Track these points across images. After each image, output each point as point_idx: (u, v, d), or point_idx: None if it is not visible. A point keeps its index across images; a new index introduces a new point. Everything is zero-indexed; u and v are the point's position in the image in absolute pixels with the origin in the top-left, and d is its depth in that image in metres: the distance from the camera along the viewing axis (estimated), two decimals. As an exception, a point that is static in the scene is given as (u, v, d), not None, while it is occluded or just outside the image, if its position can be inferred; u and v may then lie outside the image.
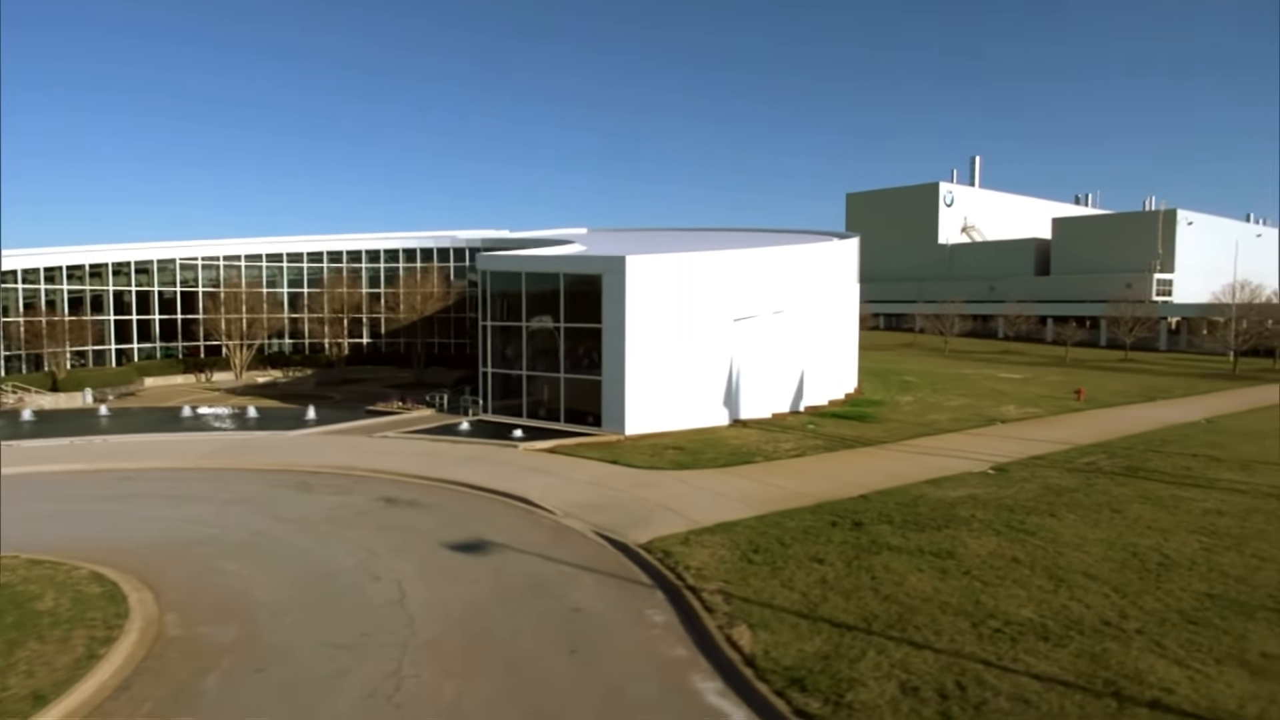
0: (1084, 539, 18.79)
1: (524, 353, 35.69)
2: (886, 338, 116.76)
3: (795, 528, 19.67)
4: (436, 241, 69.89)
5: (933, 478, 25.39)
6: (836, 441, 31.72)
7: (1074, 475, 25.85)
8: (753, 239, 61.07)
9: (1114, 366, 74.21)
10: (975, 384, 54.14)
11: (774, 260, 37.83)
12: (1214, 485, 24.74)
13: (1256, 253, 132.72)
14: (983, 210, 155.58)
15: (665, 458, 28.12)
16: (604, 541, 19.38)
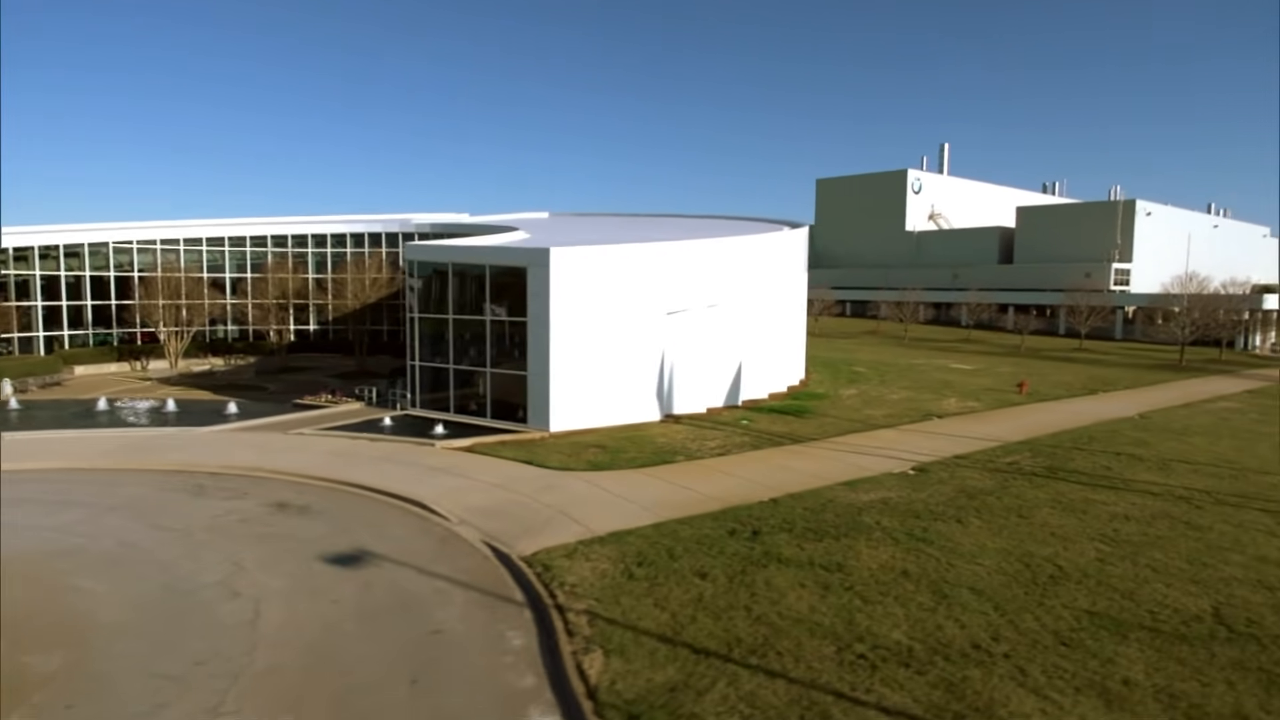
0: (982, 548, 18.34)
1: (451, 346, 34.65)
2: (851, 325, 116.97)
3: (691, 537, 19.02)
4: (385, 226, 68.29)
5: (851, 479, 24.89)
6: (765, 439, 31.15)
7: (993, 476, 25.49)
8: (709, 228, 60.32)
9: (1066, 356, 74.66)
10: (924, 375, 53.96)
11: (709, 252, 37.04)
12: (1129, 487, 24.50)
13: (1214, 243, 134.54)
14: (951, 198, 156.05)
15: (583, 457, 27.36)
16: (490, 553, 18.59)
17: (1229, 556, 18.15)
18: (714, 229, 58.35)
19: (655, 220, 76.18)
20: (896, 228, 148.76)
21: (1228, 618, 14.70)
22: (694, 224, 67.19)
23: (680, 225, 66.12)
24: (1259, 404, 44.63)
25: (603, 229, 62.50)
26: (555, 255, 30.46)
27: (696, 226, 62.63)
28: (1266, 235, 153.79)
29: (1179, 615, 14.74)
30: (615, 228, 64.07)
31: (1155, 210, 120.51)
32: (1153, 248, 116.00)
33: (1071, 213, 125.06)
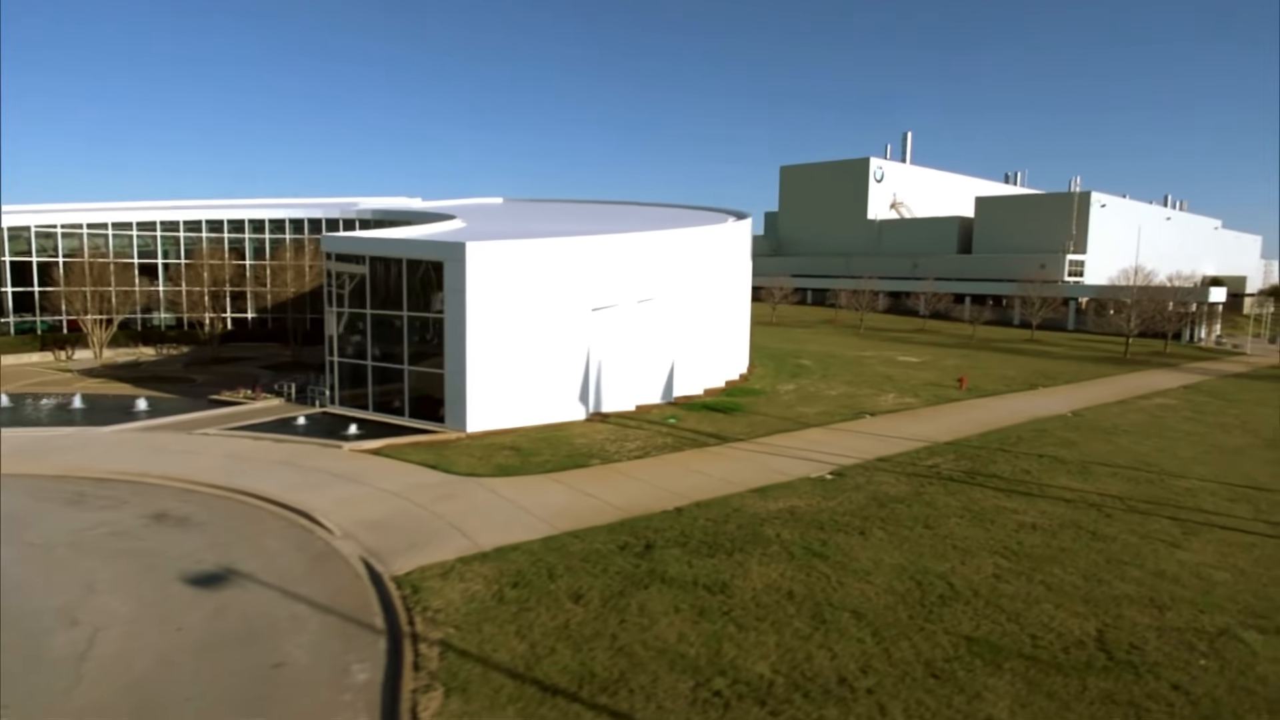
0: (878, 564, 17.75)
1: (369, 342, 33.37)
2: (810, 313, 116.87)
3: (579, 552, 18.19)
4: (327, 211, 66.20)
5: (765, 485, 24.24)
6: (689, 439, 30.41)
7: (910, 482, 25.00)
8: (661, 219, 59.39)
9: (1015, 348, 75.05)
10: (868, 369, 53.69)
11: (640, 246, 36.06)
12: (1044, 493, 24.16)
13: (1167, 235, 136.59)
14: (913, 187, 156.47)
15: (493, 461, 26.38)
16: (364, 571, 17.58)
17: (1127, 572, 17.77)
18: (666, 220, 57.44)
19: (611, 209, 75.05)
20: (858, 216, 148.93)
21: (1110, 643, 14.23)
22: (649, 214, 66.17)
23: (634, 215, 65.05)
24: (1193, 401, 44.96)
25: (550, 218, 61.28)
26: (471, 250, 29.29)
27: (650, 217, 61.62)
28: (1217, 228, 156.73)
29: (1061, 641, 14.23)
30: (562, 217, 62.81)
31: (1110, 202, 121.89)
32: (1107, 239, 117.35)
33: (1029, 203, 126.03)
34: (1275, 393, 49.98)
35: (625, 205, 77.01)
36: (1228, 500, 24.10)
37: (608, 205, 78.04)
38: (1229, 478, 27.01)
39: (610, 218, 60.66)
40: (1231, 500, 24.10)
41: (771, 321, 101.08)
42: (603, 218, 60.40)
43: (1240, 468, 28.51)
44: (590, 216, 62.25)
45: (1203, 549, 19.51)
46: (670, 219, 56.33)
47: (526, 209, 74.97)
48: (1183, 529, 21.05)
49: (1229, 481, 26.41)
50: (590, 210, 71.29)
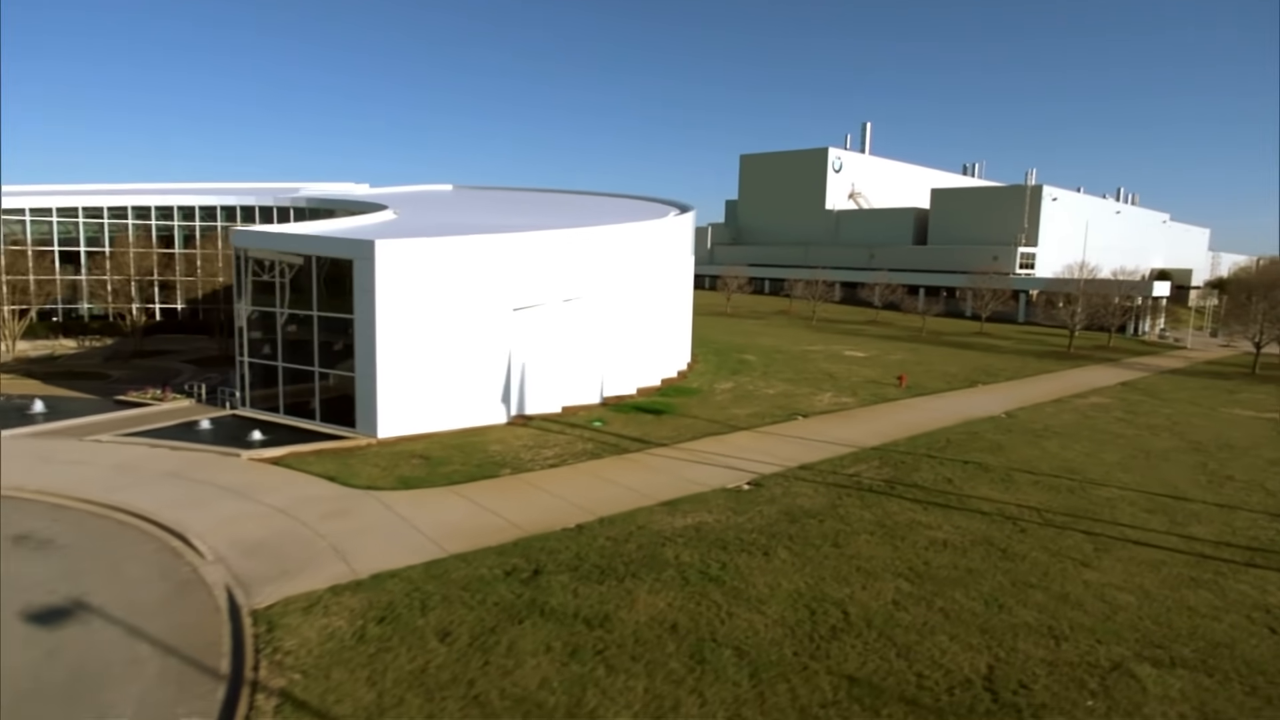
0: (774, 590, 16.95)
1: (280, 342, 31.77)
2: (766, 303, 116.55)
3: (462, 579, 17.11)
4: (260, 198, 63.71)
5: (677, 497, 23.36)
6: (610, 445, 29.43)
7: (828, 493, 24.32)
8: (604, 212, 58.20)
9: (963, 342, 75.31)
10: (811, 365, 53.19)
11: (566, 243, 34.83)
12: (963, 505, 23.64)
13: (1116, 229, 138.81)
14: (871, 177, 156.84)
15: (397, 472, 25.12)
16: (226, 603, 16.31)
17: (1031, 596, 17.21)
18: (610, 212, 56.24)
19: (559, 199, 73.59)
20: (817, 206, 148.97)
21: (999, 681, 13.59)
22: (595, 206, 64.86)
23: (578, 206, 63.71)
24: (1127, 400, 45.17)
25: (493, 209, 59.75)
26: (381, 248, 27.85)
27: (594, 209, 60.37)
28: (1166, 221, 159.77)
29: (948, 680, 13.55)
30: (506, 207, 61.29)
31: (1061, 196, 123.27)
32: (1058, 232, 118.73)
33: (983, 196, 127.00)
34: (1207, 391, 50.57)
35: (574, 195, 75.60)
36: (1145, 511, 23.82)
37: (557, 194, 76.54)
38: (1150, 485, 26.82)
39: (553, 209, 59.31)
40: (1149, 511, 23.82)
41: (726, 312, 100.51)
42: (546, 209, 59.03)
43: (1163, 474, 28.37)
44: (534, 208, 60.83)
45: (1111, 568, 19.07)
46: (613, 212, 55.17)
47: (474, 198, 73.17)
48: (1095, 545, 20.63)
49: (1149, 490, 26.20)
50: (537, 200, 69.78)
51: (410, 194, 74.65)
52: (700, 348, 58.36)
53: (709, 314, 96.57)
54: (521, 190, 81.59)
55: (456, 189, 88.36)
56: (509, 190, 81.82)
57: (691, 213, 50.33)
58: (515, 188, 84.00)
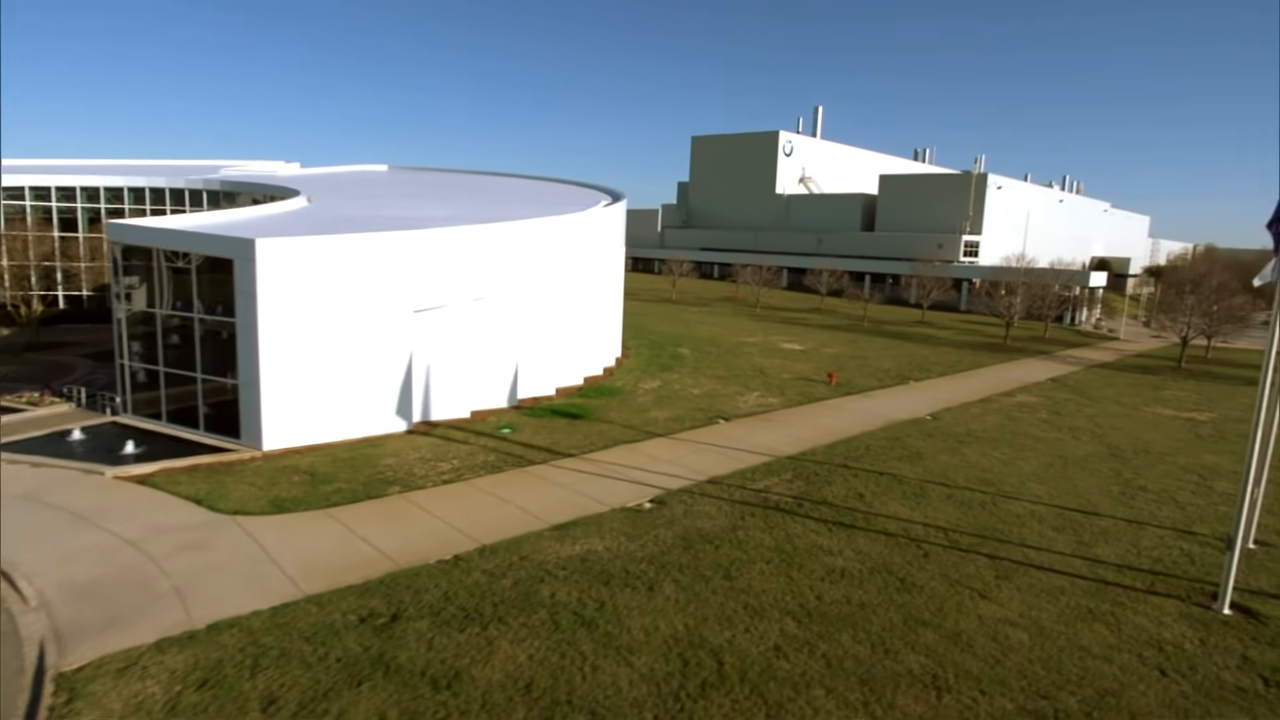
0: (650, 635, 15.78)
1: (161, 345, 29.51)
2: (713, 288, 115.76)
3: (309, 628, 15.58)
4: (170, 179, 60.18)
5: (572, 519, 22.07)
6: (514, 457, 27.97)
7: (732, 511, 23.26)
8: (530, 200, 56.30)
9: (902, 333, 75.30)
10: (744, 359, 52.28)
11: (475, 239, 32.98)
12: (869, 524, 22.80)
13: (1060, 217, 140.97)
14: (822, 162, 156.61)
15: (274, 492, 23.33)
16: (33, 665, 14.53)
17: (922, 636, 16.34)
18: (539, 201, 54.41)
19: (492, 183, 71.34)
20: (767, 190, 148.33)
21: (869, 746, 12.62)
22: (527, 192, 62.89)
23: (509, 194, 61.71)
24: (1054, 399, 45.20)
25: (416, 195, 57.40)
26: (263, 248, 25.79)
27: (524, 196, 58.49)
28: (1107, 210, 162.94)
29: (814, 747, 12.54)
30: (434, 194, 58.97)
31: (1006, 184, 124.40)
32: (1002, 221, 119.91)
33: (930, 183, 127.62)
34: (1134, 388, 51.05)
35: (509, 179, 73.37)
36: (1053, 529, 23.28)
37: (491, 178, 74.19)
38: (1063, 498, 26.38)
39: (482, 196, 57.22)
40: (1057, 530, 23.28)
41: (671, 298, 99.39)
42: (474, 196, 56.90)
43: (1077, 485, 28.00)
44: (463, 194, 58.65)
45: (1010, 599, 18.36)
46: (544, 200, 53.36)
47: (404, 182, 70.47)
48: (997, 571, 19.94)
49: (1061, 504, 25.74)
50: (469, 185, 67.47)
51: (337, 176, 71.66)
52: (635, 339, 57.10)
53: (653, 300, 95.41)
54: (457, 173, 79.00)
55: (392, 170, 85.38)
56: (444, 173, 79.15)
57: (621, 202, 48.78)
58: (451, 169, 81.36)
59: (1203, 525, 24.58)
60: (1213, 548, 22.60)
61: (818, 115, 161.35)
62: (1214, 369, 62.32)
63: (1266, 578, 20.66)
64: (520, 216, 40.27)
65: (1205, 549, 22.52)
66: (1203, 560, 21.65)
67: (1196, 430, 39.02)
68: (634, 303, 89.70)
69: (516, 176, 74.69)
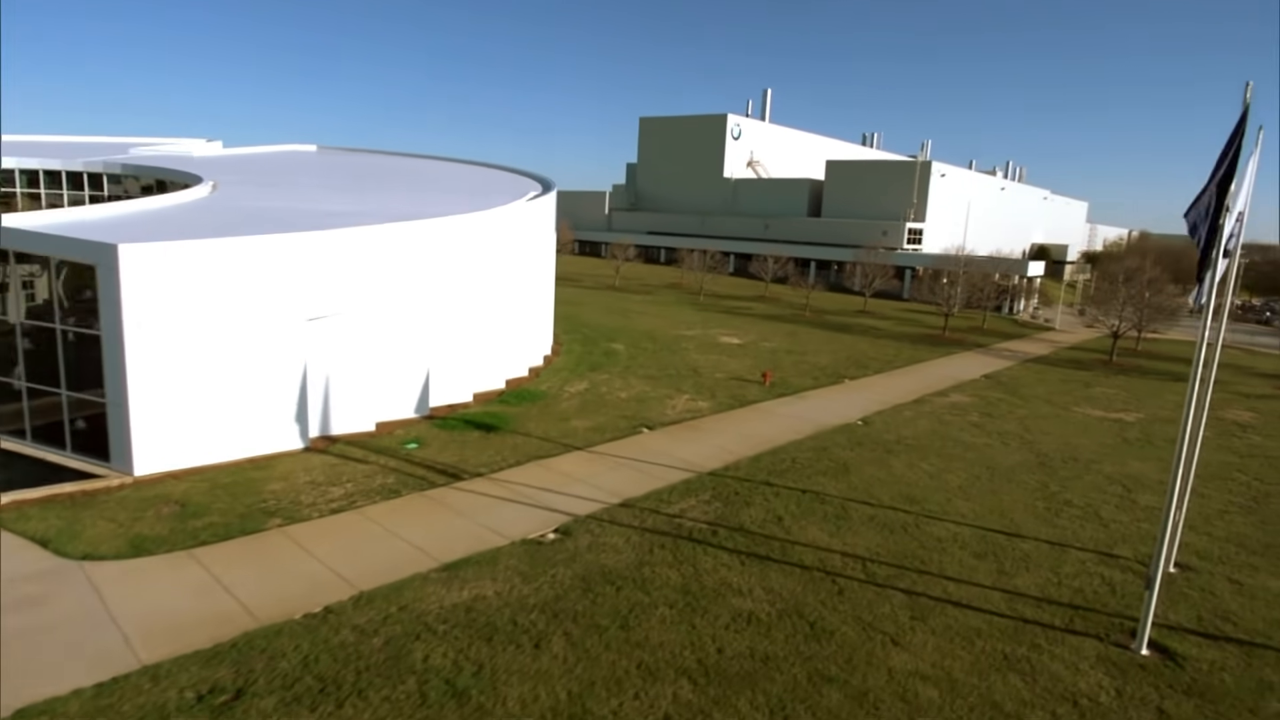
0: (529, 704, 14.24)
1: (22, 357, 26.69)
2: (658, 274, 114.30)
3: (133, 711, 13.63)
4: (66, 161, 55.94)
5: (465, 556, 20.35)
6: (417, 478, 26.06)
7: (642, 543, 21.81)
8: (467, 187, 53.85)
9: (843, 324, 74.89)
10: (680, 356, 50.91)
11: (381, 240, 30.61)
12: (785, 555, 21.59)
13: (1001, 205, 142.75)
14: (770, 146, 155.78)
15: (137, 528, 21.05)
16: None
17: (825, 696, 15.13)
18: (467, 188, 52.07)
19: (423, 167, 68.47)
20: (714, 174, 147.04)
21: None
22: (462, 177, 60.35)
23: (443, 178, 59.06)
24: (986, 398, 44.90)
25: (336, 182, 54.46)
26: (127, 254, 23.20)
27: (456, 182, 55.94)
28: (1046, 197, 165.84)
29: None
30: (350, 181, 56.06)
31: (950, 172, 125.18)
32: (945, 208, 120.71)
33: (875, 170, 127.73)
34: (1065, 385, 51.21)
35: (441, 163, 70.52)
36: (975, 556, 22.41)
37: (422, 162, 71.23)
38: (987, 517, 25.62)
39: (408, 183, 54.55)
40: (979, 556, 22.42)
41: (614, 285, 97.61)
42: (399, 183, 54.21)
43: (1002, 500, 27.30)
44: (388, 181, 55.88)
45: (923, 645, 17.29)
46: (473, 187, 50.99)
47: (327, 166, 67.14)
48: (913, 610, 18.89)
49: (985, 524, 24.95)
50: (397, 169, 64.54)
51: (257, 159, 67.89)
52: (569, 334, 55.32)
53: (596, 287, 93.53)
54: (387, 155, 75.71)
55: (320, 151, 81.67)
56: (373, 155, 75.76)
57: (550, 194, 46.72)
58: (381, 151, 77.99)
59: (1125, 546, 24.04)
60: (1134, 573, 22.02)
61: (766, 98, 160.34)
62: (1144, 363, 63.27)
63: (1185, 609, 20.08)
64: (442, 208, 38.01)
65: (1126, 575, 21.91)
66: (1124, 589, 21.00)
67: (1124, 433, 39.00)
68: (575, 290, 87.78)
69: (448, 160, 71.81)
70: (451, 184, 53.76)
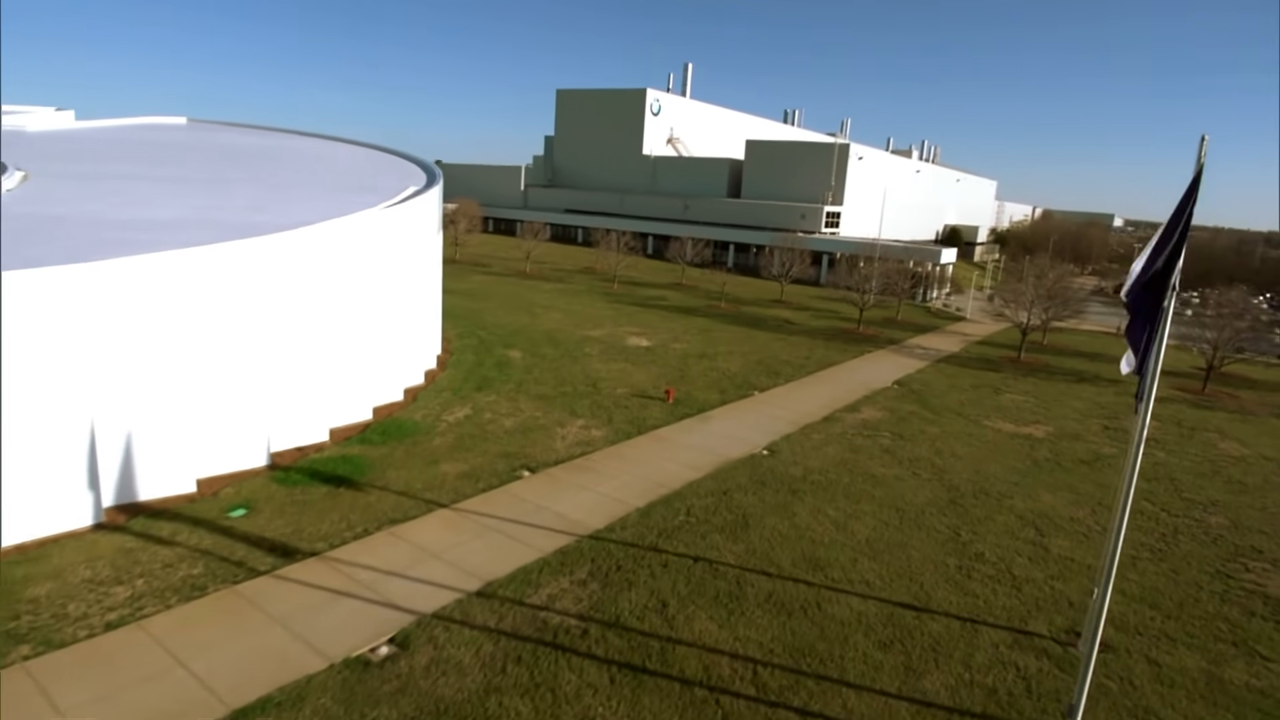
0: None
1: None
2: (573, 256, 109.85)
3: None
4: None
5: (260, 698, 16.28)
6: (230, 565, 21.60)
7: (495, 652, 18.21)
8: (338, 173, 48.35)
9: (758, 315, 72.40)
10: (582, 365, 47.19)
11: (204, 263, 25.52)
12: (664, 663, 18.35)
13: (917, 188, 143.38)
14: (691, 122, 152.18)
15: None
16: None
17: None
18: (343, 176, 46.69)
19: (296, 146, 62.12)
20: (634, 151, 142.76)
21: None
22: (337, 160, 54.58)
23: (311, 166, 53.15)
24: (899, 411, 42.93)
25: (188, 170, 48.11)
26: None
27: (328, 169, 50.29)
28: (959, 180, 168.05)
29: None
30: (208, 169, 49.71)
31: (867, 154, 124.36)
32: (863, 191, 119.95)
33: (794, 151, 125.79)
34: (975, 390, 49.96)
35: (318, 141, 64.23)
36: (881, 648, 19.73)
37: (296, 139, 64.68)
38: (894, 584, 23.08)
39: (272, 170, 48.68)
40: (884, 648, 19.75)
41: (524, 271, 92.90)
42: (264, 169, 48.27)
43: (911, 560, 24.84)
44: (255, 165, 49.80)
45: (815, 805, 14.34)
46: (340, 177, 45.70)
47: (190, 145, 60.08)
48: (806, 745, 15.95)
49: (893, 596, 22.38)
50: (268, 149, 58.12)
51: (106, 134, 60.19)
52: (464, 338, 50.92)
53: (504, 274, 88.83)
54: (261, 131, 68.65)
55: (190, 125, 73.78)
56: (245, 131, 68.57)
57: (434, 188, 42.00)
58: (256, 127, 70.76)
59: (1039, 617, 21.88)
60: (1050, 658, 19.81)
61: (688, 73, 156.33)
62: (1050, 360, 63.12)
63: (1106, 709, 17.86)
64: (300, 211, 33.00)
65: (1043, 663, 19.65)
66: (1039, 683, 18.70)
67: (1033, 453, 37.55)
68: (483, 278, 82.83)
69: (331, 140, 65.53)
70: (326, 173, 48.15)
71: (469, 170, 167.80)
